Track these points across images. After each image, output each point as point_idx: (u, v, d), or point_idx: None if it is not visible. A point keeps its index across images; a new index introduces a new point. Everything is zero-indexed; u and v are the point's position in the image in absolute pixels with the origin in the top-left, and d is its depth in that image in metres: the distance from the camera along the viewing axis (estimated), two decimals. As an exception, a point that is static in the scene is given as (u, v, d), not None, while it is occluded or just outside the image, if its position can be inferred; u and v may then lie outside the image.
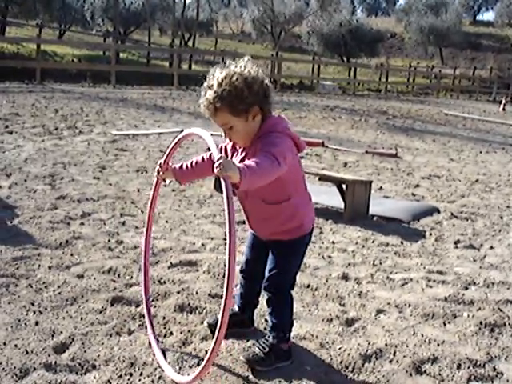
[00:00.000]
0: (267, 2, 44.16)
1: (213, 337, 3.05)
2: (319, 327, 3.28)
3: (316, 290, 3.82)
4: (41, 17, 37.36)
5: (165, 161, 2.89)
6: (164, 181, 3.03)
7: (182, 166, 2.95)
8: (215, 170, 2.25)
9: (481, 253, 4.92)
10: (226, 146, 2.84)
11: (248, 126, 2.60)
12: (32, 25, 33.82)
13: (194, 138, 2.87)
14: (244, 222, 3.08)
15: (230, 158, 2.76)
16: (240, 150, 2.72)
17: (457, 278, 4.22)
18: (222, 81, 2.52)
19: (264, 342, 2.86)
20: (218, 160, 2.26)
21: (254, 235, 2.97)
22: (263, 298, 3.44)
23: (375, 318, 3.46)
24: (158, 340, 2.95)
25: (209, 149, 2.50)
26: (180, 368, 2.76)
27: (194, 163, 2.92)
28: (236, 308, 3.15)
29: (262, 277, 2.86)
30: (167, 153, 2.89)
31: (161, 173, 2.91)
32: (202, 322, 3.22)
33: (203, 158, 2.91)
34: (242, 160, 2.66)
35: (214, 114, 2.57)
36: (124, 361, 2.78)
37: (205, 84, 2.60)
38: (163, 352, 2.85)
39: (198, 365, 2.77)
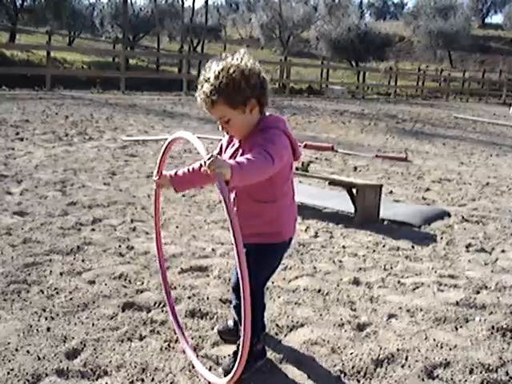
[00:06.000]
0: (275, 7, 44.26)
1: (225, 341, 3.06)
2: (330, 332, 3.27)
3: (327, 294, 3.81)
4: (50, 24, 37.67)
5: (158, 170, 2.90)
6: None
7: (177, 172, 2.93)
8: (205, 168, 2.23)
9: (492, 256, 4.89)
10: (221, 144, 2.83)
11: (245, 119, 2.57)
12: (42, 32, 34.06)
13: (182, 142, 2.83)
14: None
15: (225, 151, 2.76)
16: (236, 142, 2.70)
17: (468, 282, 4.19)
18: (219, 73, 2.49)
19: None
20: (208, 158, 2.23)
21: None
22: (270, 300, 3.45)
23: (387, 323, 3.45)
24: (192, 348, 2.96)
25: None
26: (192, 373, 2.76)
27: (190, 169, 2.89)
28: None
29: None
30: (158, 161, 2.89)
31: (157, 180, 2.93)
32: (213, 328, 3.21)
33: (201, 165, 2.83)
34: (235, 151, 2.66)
35: (211, 106, 2.54)
36: (136, 366, 2.78)
37: (201, 77, 2.57)
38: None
39: (210, 370, 2.77)
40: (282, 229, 2.75)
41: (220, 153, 2.79)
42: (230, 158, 2.63)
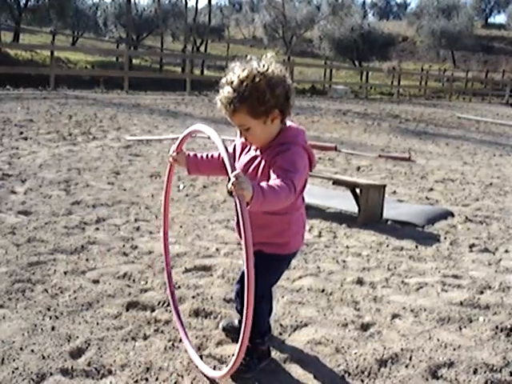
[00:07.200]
0: (278, 7, 44.25)
1: (233, 339, 3.07)
2: (334, 332, 3.27)
3: (331, 294, 3.81)
4: (54, 24, 37.81)
5: (177, 147, 2.79)
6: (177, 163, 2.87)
7: (196, 154, 2.84)
8: (229, 186, 2.17)
9: (496, 256, 4.89)
10: (235, 144, 2.75)
11: (266, 128, 2.48)
12: (45, 32, 34.23)
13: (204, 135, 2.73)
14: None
15: (239, 154, 2.68)
16: (253, 148, 2.62)
17: (472, 282, 4.19)
18: (244, 80, 2.38)
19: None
20: (234, 176, 2.16)
21: None
22: (274, 300, 3.44)
23: (390, 323, 3.45)
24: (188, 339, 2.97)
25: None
26: (196, 373, 2.76)
27: (209, 156, 2.82)
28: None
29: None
30: (180, 139, 2.79)
31: (174, 155, 2.80)
32: (218, 327, 3.22)
33: (220, 156, 2.80)
34: (252, 159, 2.58)
35: (231, 114, 2.44)
36: (140, 366, 2.79)
37: (223, 79, 2.46)
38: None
39: (214, 369, 2.77)
40: (290, 239, 2.71)
41: (234, 154, 2.71)
42: (246, 165, 2.58)
